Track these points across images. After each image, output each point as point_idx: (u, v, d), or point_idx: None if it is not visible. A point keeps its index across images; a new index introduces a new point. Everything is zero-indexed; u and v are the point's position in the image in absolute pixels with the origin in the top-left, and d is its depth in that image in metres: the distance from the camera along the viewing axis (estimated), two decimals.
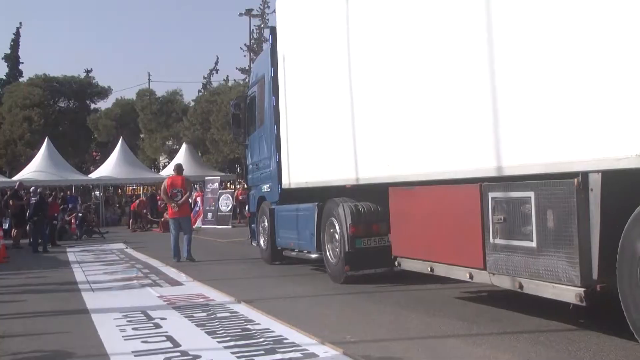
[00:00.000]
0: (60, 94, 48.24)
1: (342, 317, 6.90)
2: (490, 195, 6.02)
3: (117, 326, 6.75)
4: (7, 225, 20.04)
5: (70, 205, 25.78)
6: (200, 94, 43.98)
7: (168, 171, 33.84)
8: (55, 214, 22.14)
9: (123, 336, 6.28)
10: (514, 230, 5.73)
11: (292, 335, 5.92)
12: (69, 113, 47.47)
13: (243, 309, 7.39)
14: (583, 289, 4.98)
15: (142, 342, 5.97)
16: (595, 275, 4.92)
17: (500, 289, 6.26)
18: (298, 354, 5.27)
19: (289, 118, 10.70)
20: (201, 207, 28.42)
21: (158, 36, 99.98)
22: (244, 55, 39.38)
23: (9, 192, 20.77)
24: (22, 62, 51.85)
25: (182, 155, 34.54)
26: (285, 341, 5.71)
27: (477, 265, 6.29)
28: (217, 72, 48.04)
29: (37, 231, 18.59)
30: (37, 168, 30.54)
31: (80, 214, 23.97)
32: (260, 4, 37.48)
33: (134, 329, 6.58)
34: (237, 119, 13.80)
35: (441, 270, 7.10)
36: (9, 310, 8.35)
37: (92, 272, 12.06)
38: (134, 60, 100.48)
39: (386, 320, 6.63)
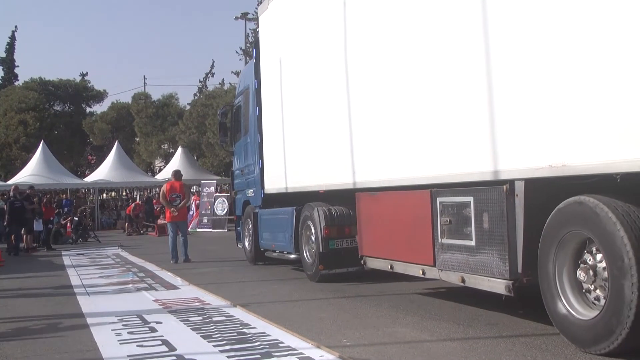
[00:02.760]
0: (56, 97, 48.20)
1: (338, 320, 6.89)
2: (439, 200, 6.78)
3: (112, 330, 6.73)
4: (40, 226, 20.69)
5: (65, 209, 25.75)
6: (196, 97, 43.96)
7: (164, 175, 33.88)
8: (51, 218, 22.11)
9: (118, 340, 6.25)
10: (457, 231, 6.46)
11: (288, 339, 5.90)
12: (64, 117, 47.42)
13: (239, 313, 7.37)
14: (511, 282, 5.74)
15: (138, 346, 5.95)
16: (520, 269, 5.66)
17: (452, 285, 6.65)
18: (294, 358, 5.26)
19: (271, 128, 11.40)
20: (196, 211, 28.40)
21: (154, 40, 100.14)
22: (240, 59, 39.42)
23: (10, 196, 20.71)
24: (18, 66, 51.93)
25: (177, 159, 34.46)
26: (281, 345, 5.70)
27: (428, 263, 7.03)
28: (212, 76, 47.99)
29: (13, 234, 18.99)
30: (32, 172, 30.44)
31: (76, 218, 23.92)
32: (256, 8, 37.51)
33: (129, 333, 6.56)
34: (224, 127, 14.47)
35: (399, 267, 7.85)
36: (3, 314, 8.33)
37: (87, 276, 12.03)
38: (129, 63, 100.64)
39: (382, 324, 6.63)
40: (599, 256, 5.02)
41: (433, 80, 6.71)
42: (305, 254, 10.25)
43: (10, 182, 30.52)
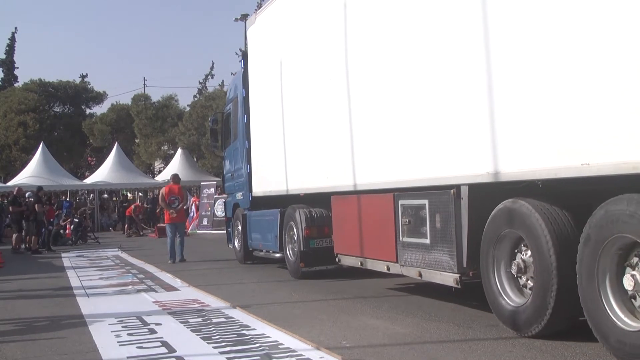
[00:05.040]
0: (56, 99, 48.14)
1: (338, 322, 6.90)
2: (400, 202, 7.55)
3: (112, 332, 6.74)
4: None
5: (65, 211, 25.73)
6: (196, 99, 43.87)
7: (163, 176, 33.85)
8: (51, 219, 22.13)
9: (118, 342, 6.26)
10: (415, 230, 7.24)
11: (288, 340, 5.91)
12: (64, 118, 47.36)
13: (238, 314, 7.38)
14: (458, 275, 6.51)
15: (137, 347, 5.96)
16: (465, 264, 6.43)
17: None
18: (294, 359, 5.27)
19: (257, 134, 12.25)
20: (196, 212, 28.38)
21: (154, 41, 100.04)
22: (239, 60, 39.33)
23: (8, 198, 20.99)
24: (18, 67, 51.74)
25: (177, 161, 34.44)
26: (281, 346, 5.70)
27: (391, 259, 7.78)
28: (212, 77, 47.87)
29: None
30: (32, 173, 30.42)
31: (76, 219, 23.90)
32: (255, 9, 37.49)
33: (129, 334, 6.57)
34: (215, 134, 15.39)
35: (368, 264, 8.57)
36: (3, 315, 8.33)
37: (87, 278, 12.04)
38: (129, 65, 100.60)
39: (382, 325, 6.64)
40: (528, 251, 5.77)
41: (394, 102, 7.57)
42: (288, 253, 10.92)
43: (10, 183, 30.53)
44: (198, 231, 26.81)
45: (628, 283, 4.78)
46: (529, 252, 5.73)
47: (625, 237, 4.72)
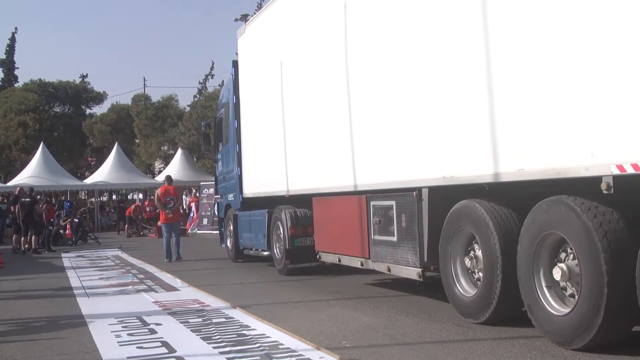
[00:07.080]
0: (56, 99, 48.13)
1: (338, 322, 6.90)
2: (372, 203, 8.22)
3: (112, 332, 6.74)
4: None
5: (65, 211, 25.72)
6: (196, 99, 43.82)
7: (163, 176, 33.86)
8: (52, 219, 22.15)
9: (118, 342, 6.26)
10: (384, 229, 7.88)
11: (288, 340, 5.91)
12: (64, 118, 47.35)
13: (238, 315, 7.38)
14: (421, 269, 7.18)
15: (138, 347, 5.96)
16: (426, 259, 7.10)
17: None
18: (294, 359, 5.27)
19: (247, 139, 12.83)
20: (196, 213, 28.37)
21: (154, 41, 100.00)
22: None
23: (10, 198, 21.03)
24: (18, 67, 51.64)
25: (177, 161, 34.45)
26: (281, 347, 5.71)
27: (365, 256, 8.44)
28: (212, 78, 47.71)
29: None
30: (32, 173, 30.43)
31: (76, 220, 23.90)
32: (255, 9, 37.49)
33: (129, 334, 6.57)
34: (207, 138, 15.96)
35: (345, 260, 9.19)
36: (3, 315, 8.33)
37: (87, 278, 12.04)
38: (129, 65, 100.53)
39: (382, 326, 6.64)
40: (478, 247, 6.40)
41: (368, 114, 8.21)
42: (275, 251, 11.57)
43: (10, 183, 30.53)
44: (198, 231, 26.80)
45: (557, 274, 5.38)
46: (479, 248, 6.38)
47: (555, 233, 5.36)
